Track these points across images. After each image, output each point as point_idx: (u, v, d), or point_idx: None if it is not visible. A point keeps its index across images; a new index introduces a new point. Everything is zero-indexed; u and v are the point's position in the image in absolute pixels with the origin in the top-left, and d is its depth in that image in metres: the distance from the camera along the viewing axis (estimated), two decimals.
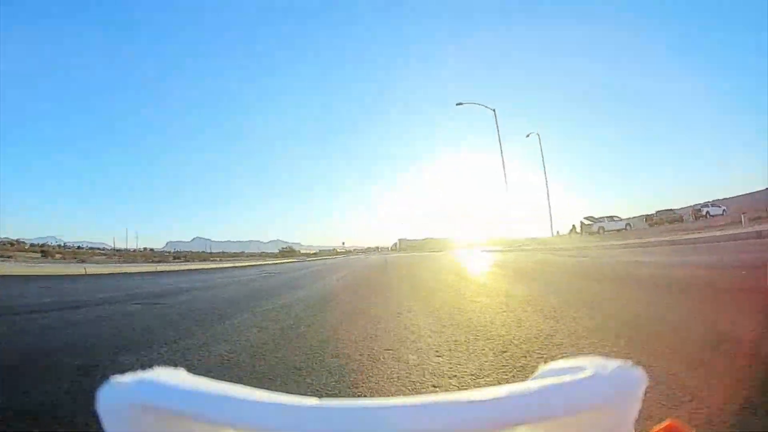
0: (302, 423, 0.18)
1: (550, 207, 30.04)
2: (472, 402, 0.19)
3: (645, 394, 0.20)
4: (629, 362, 0.21)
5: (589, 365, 0.21)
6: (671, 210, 31.83)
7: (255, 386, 0.20)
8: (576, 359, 0.22)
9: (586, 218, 33.93)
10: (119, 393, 0.20)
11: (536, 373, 0.22)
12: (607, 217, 32.72)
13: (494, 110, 29.07)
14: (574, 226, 35.03)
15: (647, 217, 32.80)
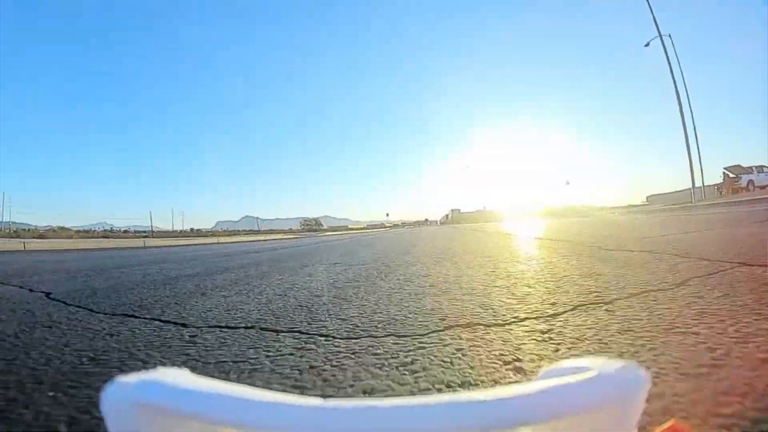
0: (306, 423, 0.18)
1: (689, 148, 21.95)
2: (475, 402, 0.19)
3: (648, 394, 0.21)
4: (633, 362, 0.21)
5: (592, 365, 0.21)
6: None
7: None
8: (579, 359, 0.22)
9: (730, 169, 25.57)
10: (123, 393, 0.20)
11: (540, 374, 0.23)
12: (756, 166, 24.41)
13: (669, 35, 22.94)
14: (722, 179, 26.15)
15: None
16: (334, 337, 1.06)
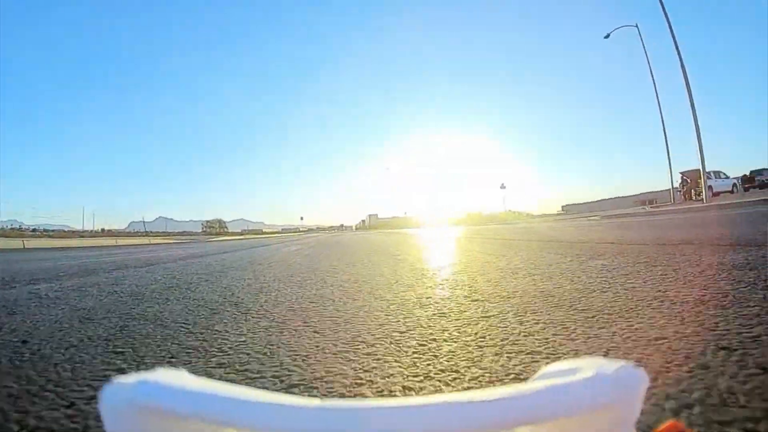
0: (304, 424, 0.18)
1: (668, 147, 20.67)
2: (473, 402, 0.19)
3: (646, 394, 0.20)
4: (630, 363, 0.21)
5: (590, 366, 0.21)
6: None
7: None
8: (577, 360, 0.22)
9: (687, 173, 24.25)
10: (121, 393, 0.20)
11: (538, 374, 0.22)
12: (713, 171, 23.66)
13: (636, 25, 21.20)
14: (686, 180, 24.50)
15: (745, 178, 24.89)
16: None
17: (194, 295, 1.96)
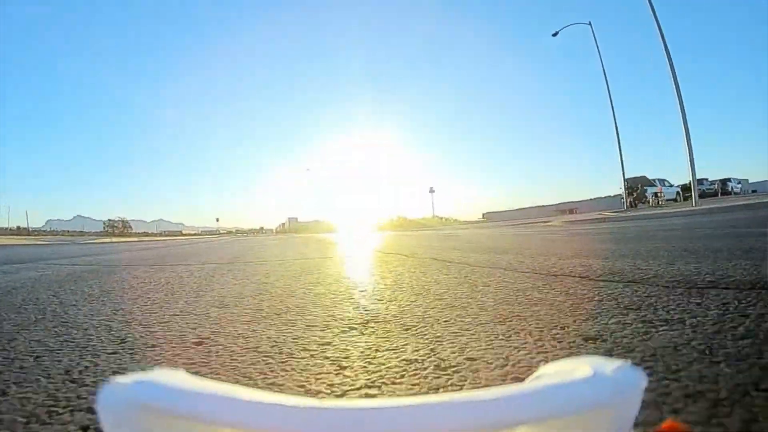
0: (302, 424, 0.18)
1: (621, 155, 18.95)
2: (471, 402, 0.19)
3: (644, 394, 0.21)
4: (629, 363, 0.21)
5: (588, 366, 0.21)
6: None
7: None
8: (575, 360, 0.22)
9: (631, 181, 22.72)
10: (119, 393, 0.20)
11: (535, 374, 0.22)
12: (659, 179, 24.15)
13: (590, 23, 20.04)
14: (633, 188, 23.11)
15: (684, 187, 23.79)
16: None
17: None
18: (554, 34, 23.32)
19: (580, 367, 0.21)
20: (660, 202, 21.26)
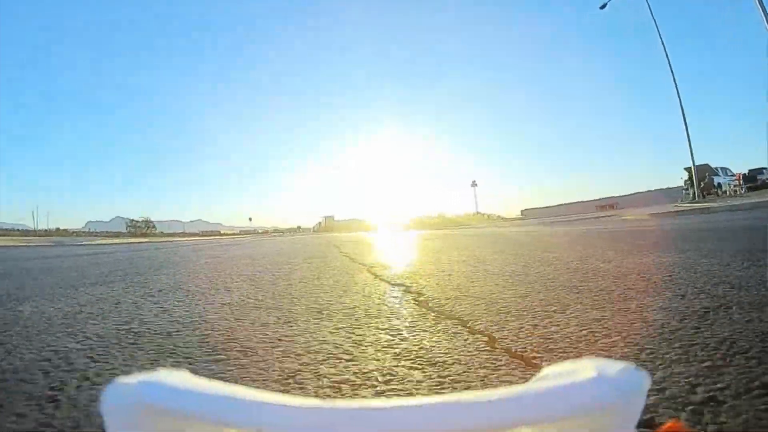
0: (305, 424, 0.18)
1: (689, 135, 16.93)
2: (474, 403, 0.19)
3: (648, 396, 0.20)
4: (632, 364, 0.21)
5: (592, 367, 0.21)
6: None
7: None
8: (579, 361, 0.22)
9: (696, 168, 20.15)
10: (123, 394, 0.20)
11: (539, 375, 0.22)
12: (721, 168, 21.91)
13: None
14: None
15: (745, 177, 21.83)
16: None
17: None
18: (602, 7, 21.40)
19: (584, 368, 0.21)
20: (736, 192, 19.26)
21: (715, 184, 21.19)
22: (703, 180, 20.85)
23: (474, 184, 48.88)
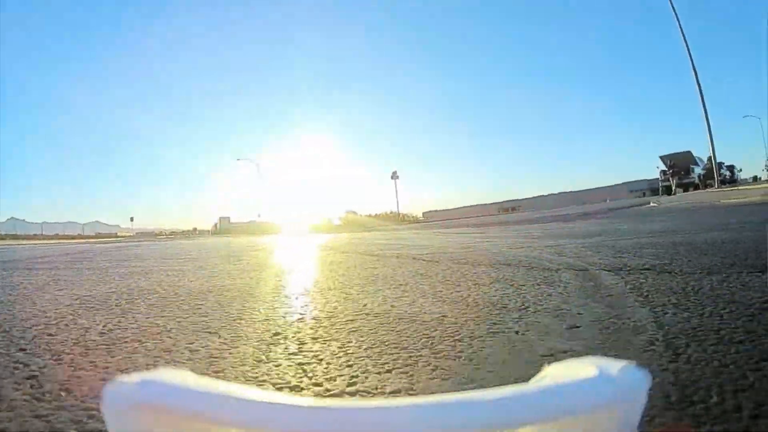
0: (306, 423, 0.18)
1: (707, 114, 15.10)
2: (475, 402, 0.19)
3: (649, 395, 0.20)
4: (633, 363, 0.21)
5: (593, 366, 0.21)
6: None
7: None
8: (580, 360, 0.22)
9: (671, 157, 18.43)
10: (124, 392, 0.20)
11: (540, 374, 0.22)
12: (698, 158, 20.82)
13: None
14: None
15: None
16: None
17: None
18: None
19: (585, 368, 0.21)
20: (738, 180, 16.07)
21: (694, 175, 18.97)
22: (678, 173, 19.18)
23: (395, 176, 41.82)
